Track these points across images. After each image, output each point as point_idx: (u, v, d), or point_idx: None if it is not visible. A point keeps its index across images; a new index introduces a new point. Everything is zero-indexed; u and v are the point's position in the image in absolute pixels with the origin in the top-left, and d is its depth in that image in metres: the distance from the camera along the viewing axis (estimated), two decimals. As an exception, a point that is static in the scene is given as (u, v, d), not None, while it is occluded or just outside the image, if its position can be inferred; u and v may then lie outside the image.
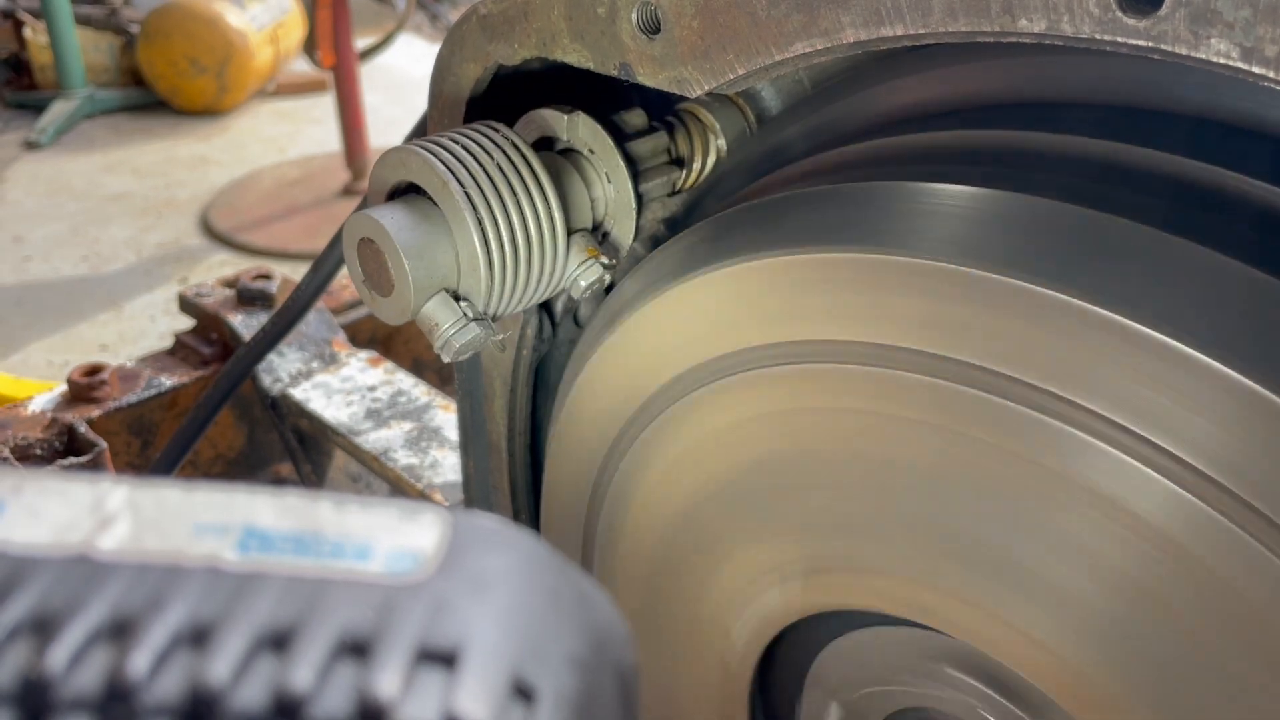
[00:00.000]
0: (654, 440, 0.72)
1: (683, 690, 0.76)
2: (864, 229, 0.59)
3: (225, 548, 0.26)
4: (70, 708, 0.23)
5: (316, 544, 0.27)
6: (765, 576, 0.66)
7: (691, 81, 0.61)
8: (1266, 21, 0.40)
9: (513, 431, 0.92)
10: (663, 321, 0.70)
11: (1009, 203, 0.55)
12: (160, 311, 2.99)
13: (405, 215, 0.65)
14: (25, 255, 3.36)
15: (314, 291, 1.09)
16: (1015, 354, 0.52)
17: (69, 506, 0.27)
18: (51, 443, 1.29)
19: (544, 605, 0.27)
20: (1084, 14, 0.44)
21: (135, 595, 0.25)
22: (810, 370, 0.61)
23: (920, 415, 0.56)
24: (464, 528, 0.28)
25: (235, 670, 0.23)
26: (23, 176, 3.97)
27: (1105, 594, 0.52)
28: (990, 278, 0.53)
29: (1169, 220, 0.51)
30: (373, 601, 0.25)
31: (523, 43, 0.69)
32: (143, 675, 0.23)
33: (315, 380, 1.44)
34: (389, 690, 0.23)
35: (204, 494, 0.28)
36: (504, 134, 0.68)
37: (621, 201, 0.72)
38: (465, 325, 0.67)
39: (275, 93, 4.78)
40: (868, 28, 0.52)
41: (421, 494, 1.26)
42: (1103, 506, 0.51)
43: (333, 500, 0.28)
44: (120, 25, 4.60)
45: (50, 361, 2.76)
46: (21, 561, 0.25)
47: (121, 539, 0.26)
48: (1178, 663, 0.51)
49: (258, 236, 3.40)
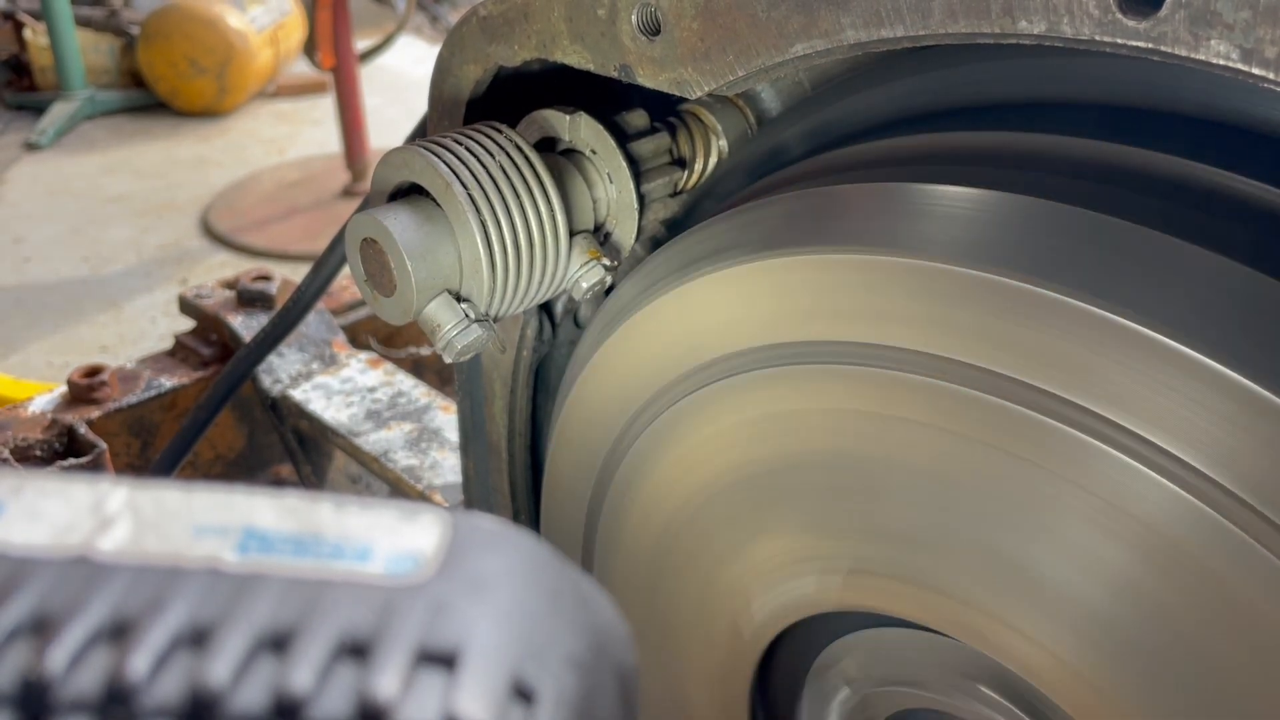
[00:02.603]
0: (657, 439, 0.72)
1: (688, 651, 0.76)
2: (866, 230, 0.59)
3: (225, 549, 0.26)
4: (70, 709, 0.23)
5: (316, 545, 0.27)
6: (803, 564, 0.65)
7: (692, 83, 0.61)
8: (1266, 23, 0.40)
9: (513, 432, 0.92)
10: (663, 322, 0.70)
11: (1010, 204, 0.55)
12: (160, 313, 2.99)
13: (408, 216, 0.65)
14: (25, 256, 3.36)
15: (314, 293, 1.09)
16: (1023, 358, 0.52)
17: (69, 508, 0.27)
18: (51, 444, 1.29)
19: (544, 606, 0.27)
20: (1084, 15, 0.44)
21: (135, 596, 0.25)
22: (811, 370, 0.61)
23: (970, 431, 0.55)
24: (464, 529, 0.28)
25: (235, 671, 0.23)
26: (23, 178, 3.97)
27: (1106, 597, 0.52)
28: (989, 278, 0.53)
29: (1169, 221, 0.51)
30: (373, 603, 0.25)
31: (523, 44, 0.69)
32: (142, 676, 0.23)
33: (315, 381, 1.44)
34: (389, 691, 0.23)
35: (204, 495, 0.28)
36: (507, 135, 0.68)
37: (624, 202, 0.72)
38: (467, 326, 0.67)
39: (275, 94, 4.78)
40: (867, 29, 0.52)
41: (421, 495, 1.26)
42: (1103, 509, 0.51)
43: (333, 501, 0.28)
44: (120, 27, 4.60)
45: (50, 362, 2.76)
46: (21, 562, 0.25)
47: (121, 540, 0.26)
48: (1178, 664, 0.51)
49: (258, 238, 3.40)
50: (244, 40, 4.41)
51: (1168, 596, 0.50)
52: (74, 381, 1.35)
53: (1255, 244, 0.50)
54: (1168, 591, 0.50)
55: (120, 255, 3.36)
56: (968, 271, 0.53)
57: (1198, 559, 0.48)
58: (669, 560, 0.74)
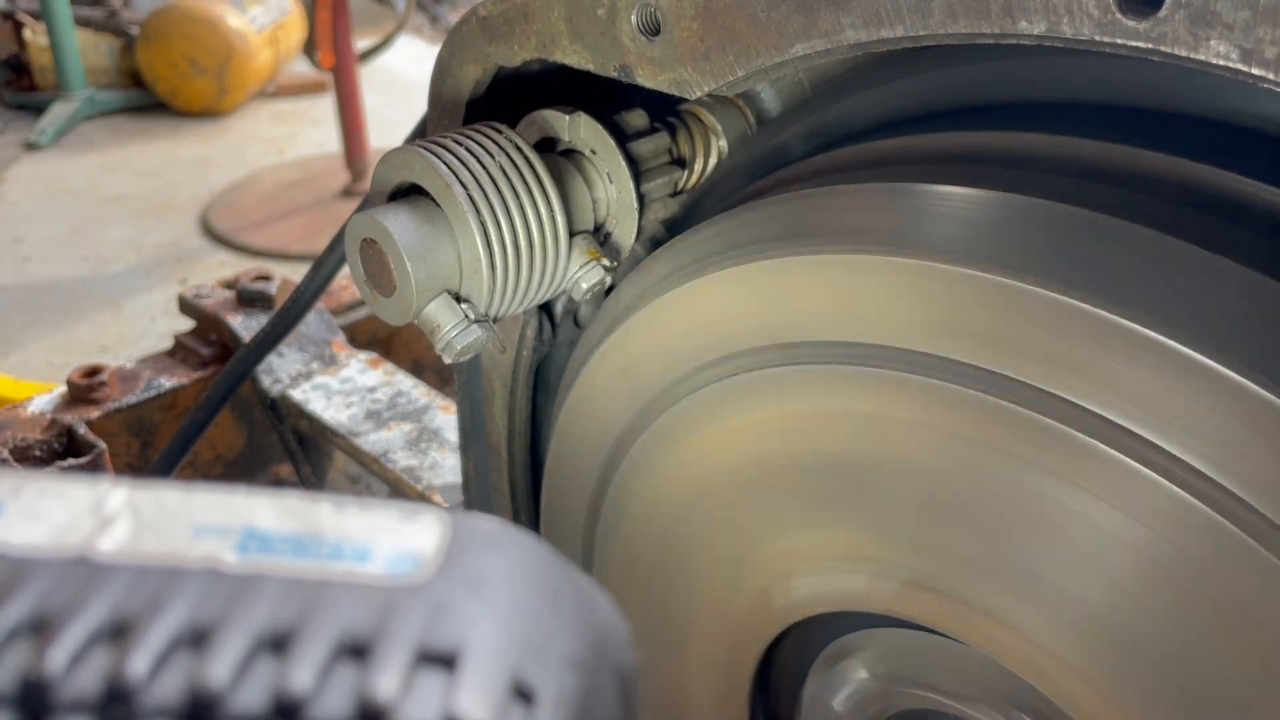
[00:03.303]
0: (660, 438, 0.72)
1: (697, 613, 0.75)
2: (867, 230, 0.59)
3: (225, 549, 0.26)
4: (70, 709, 0.23)
5: (316, 546, 0.27)
6: (857, 562, 0.64)
7: (691, 83, 0.61)
8: (1266, 23, 0.40)
9: (512, 433, 0.92)
10: (664, 323, 0.70)
11: (1011, 205, 0.55)
12: (160, 312, 2.99)
13: (408, 216, 0.65)
14: (25, 256, 3.36)
15: (314, 292, 1.09)
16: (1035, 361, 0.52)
17: (68, 508, 0.27)
18: (51, 444, 1.29)
19: (544, 606, 0.27)
20: (1083, 15, 0.44)
21: (135, 597, 0.25)
22: (819, 372, 0.61)
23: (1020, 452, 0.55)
24: (464, 529, 0.28)
25: (235, 672, 0.23)
26: (22, 177, 3.97)
27: (1107, 599, 0.52)
28: (989, 278, 0.53)
29: (1170, 221, 0.51)
30: (372, 603, 0.25)
31: (522, 44, 0.69)
32: (142, 677, 0.23)
33: (315, 381, 1.44)
34: (389, 692, 0.23)
35: (203, 495, 0.28)
36: (507, 135, 0.68)
37: (623, 202, 0.72)
38: (467, 327, 0.67)
39: (275, 94, 4.78)
40: (867, 29, 0.52)
41: (421, 495, 1.26)
42: (1105, 511, 0.51)
43: (332, 502, 0.28)
44: (120, 27, 4.60)
45: (50, 362, 2.76)
46: (21, 563, 0.25)
47: (121, 540, 0.26)
48: (1179, 665, 0.51)
49: (257, 237, 3.40)
50: (244, 40, 4.41)
51: (1169, 598, 0.50)
52: (73, 381, 1.35)
53: (1255, 244, 0.50)
54: (1169, 593, 0.50)
55: (120, 255, 3.36)
56: (969, 272, 0.53)
57: (1198, 559, 0.48)
58: (687, 528, 0.73)
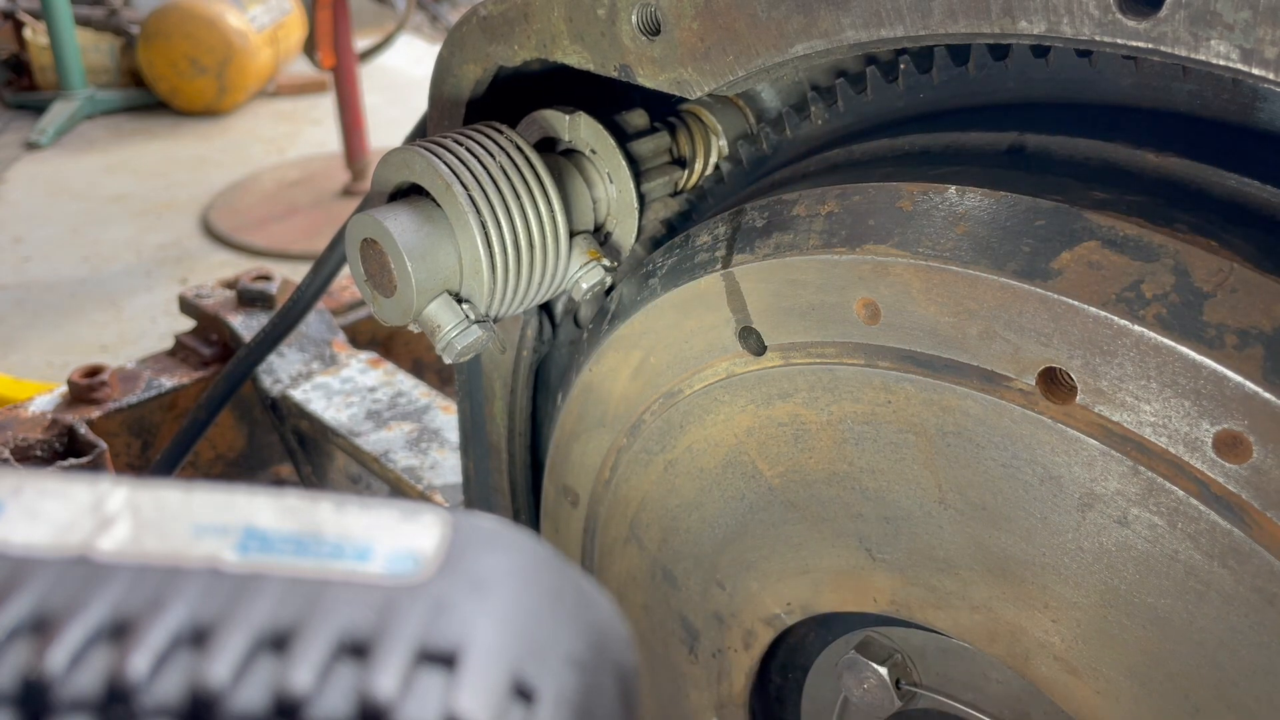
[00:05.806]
0: (663, 436, 0.72)
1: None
2: (868, 230, 0.59)
3: (225, 549, 0.26)
4: (70, 708, 0.23)
5: (316, 545, 0.27)
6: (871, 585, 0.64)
7: (691, 83, 0.61)
8: (1266, 23, 0.40)
9: (513, 432, 0.92)
10: (664, 323, 0.70)
11: (1011, 204, 0.55)
12: (160, 312, 2.99)
13: (409, 217, 0.65)
14: (25, 255, 3.36)
15: (315, 292, 1.09)
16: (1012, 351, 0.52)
17: (69, 507, 0.27)
18: (51, 444, 1.29)
19: (544, 605, 0.27)
20: (1084, 15, 0.44)
21: (135, 596, 0.25)
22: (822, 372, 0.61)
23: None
24: (464, 528, 0.28)
25: (235, 671, 0.23)
26: (23, 177, 3.97)
27: (1106, 599, 0.52)
28: (989, 278, 0.53)
29: (1169, 221, 0.51)
30: (373, 602, 0.25)
31: (523, 44, 0.69)
32: (143, 676, 0.23)
33: (315, 381, 1.44)
34: (389, 691, 0.23)
35: (204, 495, 0.28)
36: (507, 135, 0.68)
37: (624, 201, 0.72)
38: (467, 327, 0.67)
39: (275, 93, 4.78)
40: (868, 29, 0.52)
41: (421, 495, 1.26)
42: (1103, 509, 0.51)
43: (333, 501, 0.28)
44: (120, 26, 4.60)
45: (50, 362, 2.76)
46: (21, 562, 0.25)
47: (121, 540, 0.26)
48: (1180, 666, 0.51)
49: (258, 237, 3.40)
50: (244, 39, 4.41)
51: (1168, 598, 0.50)
52: (74, 381, 1.35)
53: (1255, 243, 0.50)
54: (1168, 593, 0.50)
55: (120, 255, 3.36)
56: (969, 272, 0.53)
57: (1198, 560, 0.48)
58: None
